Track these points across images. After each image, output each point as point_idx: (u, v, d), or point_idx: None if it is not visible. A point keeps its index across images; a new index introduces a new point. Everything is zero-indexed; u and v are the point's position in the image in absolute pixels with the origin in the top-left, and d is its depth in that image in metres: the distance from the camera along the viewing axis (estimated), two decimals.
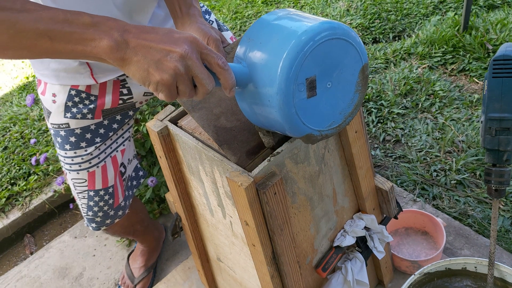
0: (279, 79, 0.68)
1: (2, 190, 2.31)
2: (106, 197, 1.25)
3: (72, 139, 1.14)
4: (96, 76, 1.08)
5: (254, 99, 0.74)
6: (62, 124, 1.14)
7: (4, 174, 2.42)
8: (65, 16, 0.65)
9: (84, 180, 1.21)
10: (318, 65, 0.71)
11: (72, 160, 1.17)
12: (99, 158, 1.19)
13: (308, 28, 0.69)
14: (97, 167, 1.19)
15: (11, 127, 2.83)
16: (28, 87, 3.48)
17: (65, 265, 1.87)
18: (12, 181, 2.37)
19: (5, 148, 2.64)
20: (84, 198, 1.24)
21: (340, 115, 0.79)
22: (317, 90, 0.73)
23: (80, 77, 1.07)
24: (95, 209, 1.26)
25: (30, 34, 0.64)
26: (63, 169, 1.24)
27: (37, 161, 2.10)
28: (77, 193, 1.25)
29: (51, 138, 2.11)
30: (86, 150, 1.16)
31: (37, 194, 2.26)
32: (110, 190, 1.25)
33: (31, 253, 2.08)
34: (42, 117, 2.83)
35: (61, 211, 2.27)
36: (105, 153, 1.20)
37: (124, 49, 0.64)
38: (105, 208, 1.27)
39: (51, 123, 1.16)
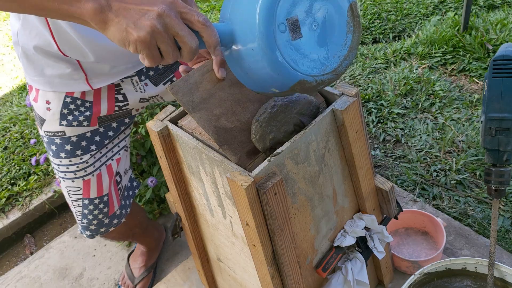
0: (257, 23, 0.67)
1: (2, 190, 2.31)
2: (101, 206, 1.24)
3: (68, 147, 1.13)
4: (91, 82, 1.07)
5: (242, 57, 0.72)
6: (57, 132, 1.12)
7: (4, 174, 2.42)
8: None
9: (79, 189, 1.19)
10: (298, 4, 0.69)
11: (67, 168, 1.16)
12: (94, 166, 1.18)
13: None
14: (92, 175, 1.18)
15: (11, 127, 2.82)
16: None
17: (65, 266, 1.87)
18: (12, 181, 2.37)
19: (5, 148, 2.64)
20: (78, 206, 1.23)
21: (334, 58, 0.75)
22: (302, 32, 0.70)
23: (75, 83, 1.06)
24: (90, 217, 1.25)
25: None
26: (57, 176, 1.22)
27: (37, 161, 2.10)
28: (72, 201, 1.23)
29: None
30: (81, 158, 1.15)
31: (37, 194, 2.26)
32: (105, 198, 1.23)
33: (31, 253, 2.08)
34: None
35: (61, 211, 2.27)
36: (100, 161, 1.19)
37: (106, 12, 0.67)
38: (100, 216, 1.26)
39: (45, 131, 1.13)
